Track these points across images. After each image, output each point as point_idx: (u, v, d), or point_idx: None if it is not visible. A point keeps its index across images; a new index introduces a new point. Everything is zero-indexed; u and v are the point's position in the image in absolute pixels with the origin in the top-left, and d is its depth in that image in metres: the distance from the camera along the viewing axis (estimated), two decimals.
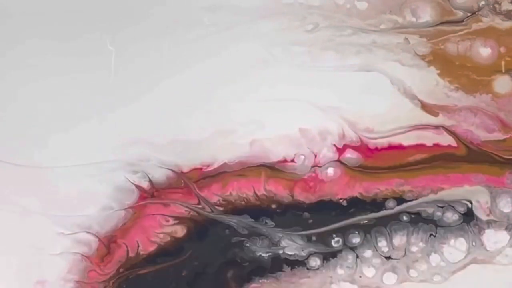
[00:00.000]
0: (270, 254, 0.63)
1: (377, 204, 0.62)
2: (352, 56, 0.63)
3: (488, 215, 0.62)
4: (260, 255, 0.63)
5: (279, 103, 0.63)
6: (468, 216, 0.62)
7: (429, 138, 0.62)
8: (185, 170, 0.63)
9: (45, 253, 0.63)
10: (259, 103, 0.63)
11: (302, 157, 0.63)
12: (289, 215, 0.63)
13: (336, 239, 0.63)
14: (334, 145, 0.63)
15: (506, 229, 0.61)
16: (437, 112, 0.62)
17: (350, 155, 0.62)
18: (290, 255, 0.63)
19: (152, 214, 0.63)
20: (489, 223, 0.62)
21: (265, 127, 0.63)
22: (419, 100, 0.62)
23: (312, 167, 0.63)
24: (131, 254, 0.63)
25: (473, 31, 0.62)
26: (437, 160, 0.62)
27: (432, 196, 0.62)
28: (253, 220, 0.63)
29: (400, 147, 0.62)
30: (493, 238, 0.61)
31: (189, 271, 0.63)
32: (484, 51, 0.62)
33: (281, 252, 0.63)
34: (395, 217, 0.62)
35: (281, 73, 0.63)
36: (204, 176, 0.63)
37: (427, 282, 0.62)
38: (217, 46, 0.63)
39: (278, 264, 0.63)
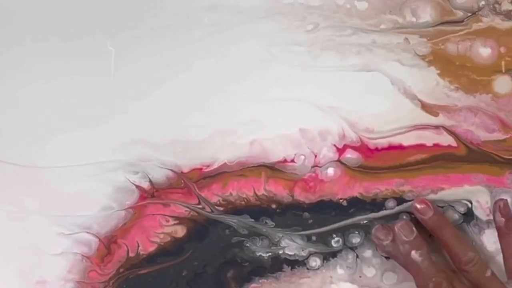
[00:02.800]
0: (270, 254, 0.63)
1: (377, 204, 0.63)
2: (352, 56, 0.63)
3: (488, 215, 0.62)
4: (260, 255, 0.63)
5: (279, 103, 0.63)
6: (468, 216, 0.62)
7: (429, 138, 0.62)
8: (185, 170, 0.63)
9: (45, 253, 0.63)
10: (259, 103, 0.63)
11: (302, 157, 0.63)
12: (289, 215, 0.63)
13: (336, 239, 0.63)
14: (334, 145, 0.63)
15: None
16: (437, 112, 0.62)
17: (350, 155, 0.62)
18: (290, 255, 0.63)
19: (152, 214, 0.63)
20: (489, 223, 0.62)
21: (265, 127, 0.63)
22: (419, 100, 0.62)
23: (312, 167, 0.63)
24: (131, 254, 0.63)
25: (473, 31, 0.62)
26: (437, 160, 0.62)
27: (432, 196, 0.62)
28: (253, 220, 0.63)
29: (400, 147, 0.62)
30: (493, 238, 0.61)
31: (189, 271, 0.63)
32: (484, 51, 0.62)
33: (281, 252, 0.63)
34: (395, 217, 0.62)
35: (281, 73, 0.63)
36: (204, 176, 0.63)
37: None
38: (217, 46, 0.63)
39: (278, 264, 0.63)
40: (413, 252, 0.58)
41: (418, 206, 0.60)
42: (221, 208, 0.63)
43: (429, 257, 0.58)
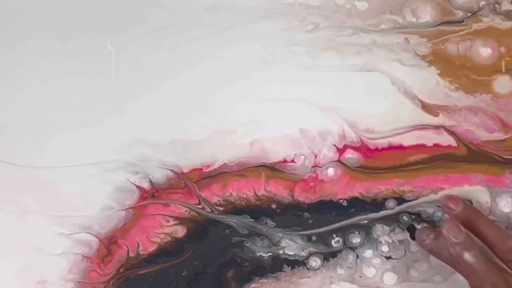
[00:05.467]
0: (270, 254, 0.63)
1: (377, 204, 0.63)
2: (353, 56, 0.63)
3: (488, 215, 0.62)
4: (260, 255, 0.63)
5: (279, 103, 0.63)
6: None
7: (429, 138, 0.62)
8: (185, 170, 0.63)
9: (45, 253, 0.63)
10: (259, 103, 0.63)
11: (302, 157, 0.63)
12: (289, 215, 0.63)
13: (336, 239, 0.63)
14: (334, 145, 0.63)
15: (506, 229, 0.61)
16: (437, 112, 0.62)
17: (350, 155, 0.62)
18: (290, 255, 0.63)
19: (153, 214, 0.63)
20: None
21: (265, 127, 0.63)
22: (419, 100, 0.62)
23: (312, 167, 0.63)
24: (131, 254, 0.63)
25: (473, 31, 0.62)
26: (437, 160, 0.62)
27: (432, 196, 0.62)
28: (253, 220, 0.63)
29: (400, 147, 0.62)
30: None
31: (189, 271, 0.63)
32: (484, 51, 0.62)
33: (281, 252, 0.63)
34: (395, 217, 0.62)
35: (281, 73, 0.63)
36: (204, 177, 0.63)
37: (427, 282, 0.62)
38: (217, 46, 0.63)
39: (278, 264, 0.63)
40: (465, 254, 0.55)
41: (447, 202, 0.59)
42: (221, 208, 0.63)
43: (483, 257, 0.55)
